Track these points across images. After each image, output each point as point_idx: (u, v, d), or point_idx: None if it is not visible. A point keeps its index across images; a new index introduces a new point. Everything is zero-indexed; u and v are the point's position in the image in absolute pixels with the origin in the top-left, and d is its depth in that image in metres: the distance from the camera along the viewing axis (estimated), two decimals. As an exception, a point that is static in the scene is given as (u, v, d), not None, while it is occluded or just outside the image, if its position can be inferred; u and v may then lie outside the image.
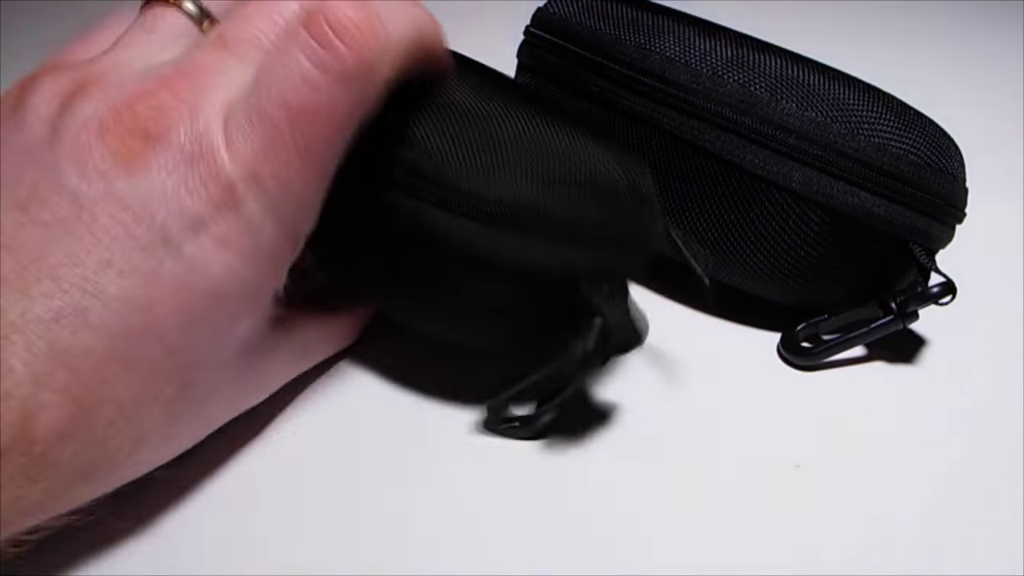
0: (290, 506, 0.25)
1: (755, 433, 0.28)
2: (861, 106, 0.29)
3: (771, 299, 0.32)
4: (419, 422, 0.28)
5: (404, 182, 0.24)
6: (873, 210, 0.29)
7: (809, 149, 0.29)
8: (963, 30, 0.62)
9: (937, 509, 0.26)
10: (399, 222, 0.25)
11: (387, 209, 0.25)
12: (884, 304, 0.30)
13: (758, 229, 0.30)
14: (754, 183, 0.30)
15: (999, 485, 0.27)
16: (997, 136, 0.47)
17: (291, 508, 0.25)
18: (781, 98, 0.29)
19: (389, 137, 0.25)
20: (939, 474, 0.27)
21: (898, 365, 0.31)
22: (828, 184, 0.29)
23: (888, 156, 0.28)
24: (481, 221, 0.24)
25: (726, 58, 0.30)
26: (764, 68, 0.30)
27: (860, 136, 0.29)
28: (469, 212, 0.24)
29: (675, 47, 0.31)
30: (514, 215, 0.24)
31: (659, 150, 0.31)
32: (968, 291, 0.30)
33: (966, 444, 0.28)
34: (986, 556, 0.25)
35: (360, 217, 0.26)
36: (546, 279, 0.25)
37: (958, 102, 0.50)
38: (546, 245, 0.24)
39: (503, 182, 0.24)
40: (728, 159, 0.30)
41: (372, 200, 0.25)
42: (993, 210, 0.39)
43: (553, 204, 0.24)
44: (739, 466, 0.27)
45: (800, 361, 0.31)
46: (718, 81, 0.30)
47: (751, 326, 0.33)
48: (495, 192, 0.24)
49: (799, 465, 0.27)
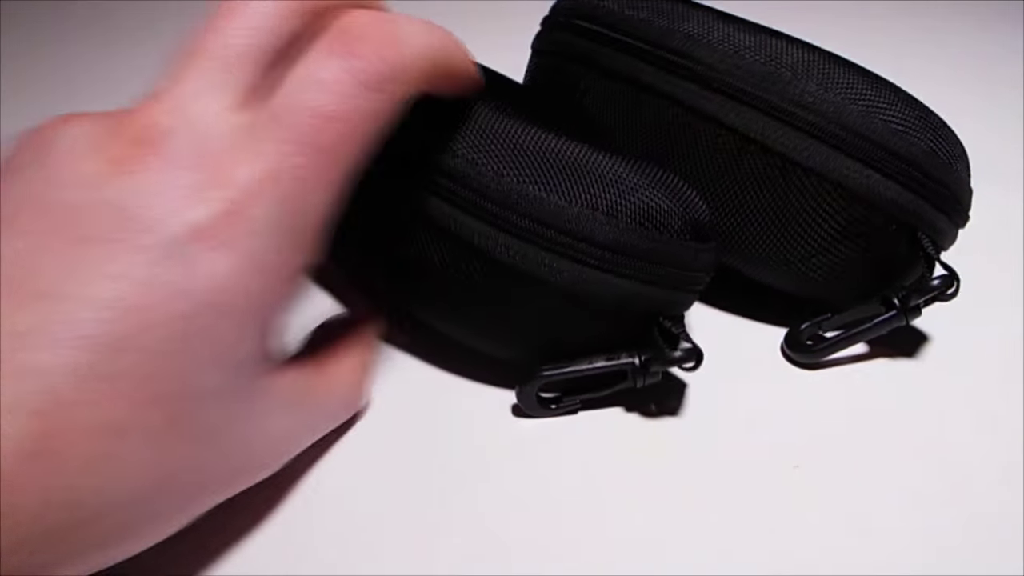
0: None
1: (756, 432, 0.29)
2: (876, 93, 0.29)
3: (778, 287, 0.32)
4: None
5: (450, 193, 0.26)
6: (886, 194, 0.29)
7: (829, 127, 0.29)
8: (963, 31, 0.62)
9: (938, 509, 0.26)
10: (458, 240, 0.26)
11: (450, 228, 0.26)
12: (886, 300, 0.30)
13: (773, 208, 0.30)
14: (771, 159, 0.30)
15: (1002, 484, 0.27)
16: (997, 137, 0.47)
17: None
18: (802, 79, 0.29)
19: (436, 155, 0.26)
20: (940, 473, 0.27)
21: (901, 364, 0.32)
22: (845, 163, 0.29)
23: (903, 141, 0.29)
24: (551, 250, 0.26)
25: (748, 42, 0.30)
26: (785, 52, 0.30)
27: (876, 120, 0.29)
28: (540, 241, 0.26)
29: (697, 28, 0.31)
30: (580, 247, 0.25)
31: (675, 124, 0.31)
32: (970, 292, 0.30)
33: (968, 443, 0.29)
34: (987, 556, 0.25)
35: (416, 232, 0.27)
36: (611, 309, 0.27)
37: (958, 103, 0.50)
38: (622, 282, 0.26)
39: (570, 212, 0.26)
40: (747, 134, 0.30)
41: (428, 218, 0.27)
42: (994, 211, 0.39)
43: (618, 237, 0.26)
44: (739, 466, 0.27)
45: (803, 359, 0.31)
46: (740, 58, 0.30)
47: (756, 320, 0.33)
48: (563, 222, 0.25)
49: (799, 465, 0.27)
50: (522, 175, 0.26)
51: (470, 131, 0.26)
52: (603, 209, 0.26)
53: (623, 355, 0.27)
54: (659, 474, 0.27)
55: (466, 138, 0.26)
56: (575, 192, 0.26)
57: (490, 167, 0.26)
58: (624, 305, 0.26)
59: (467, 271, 0.27)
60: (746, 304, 0.33)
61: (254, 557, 0.24)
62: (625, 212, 0.26)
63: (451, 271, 0.27)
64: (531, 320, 0.27)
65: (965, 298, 0.30)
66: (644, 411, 0.29)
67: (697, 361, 0.27)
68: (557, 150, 0.26)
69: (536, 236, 0.25)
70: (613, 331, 0.27)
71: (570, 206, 0.25)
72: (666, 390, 0.30)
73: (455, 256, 0.27)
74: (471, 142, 0.26)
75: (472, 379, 0.30)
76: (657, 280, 0.26)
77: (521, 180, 0.26)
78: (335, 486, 0.26)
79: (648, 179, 0.27)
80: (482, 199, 0.26)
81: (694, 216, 0.27)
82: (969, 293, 0.30)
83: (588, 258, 0.26)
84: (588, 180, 0.26)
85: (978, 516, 0.26)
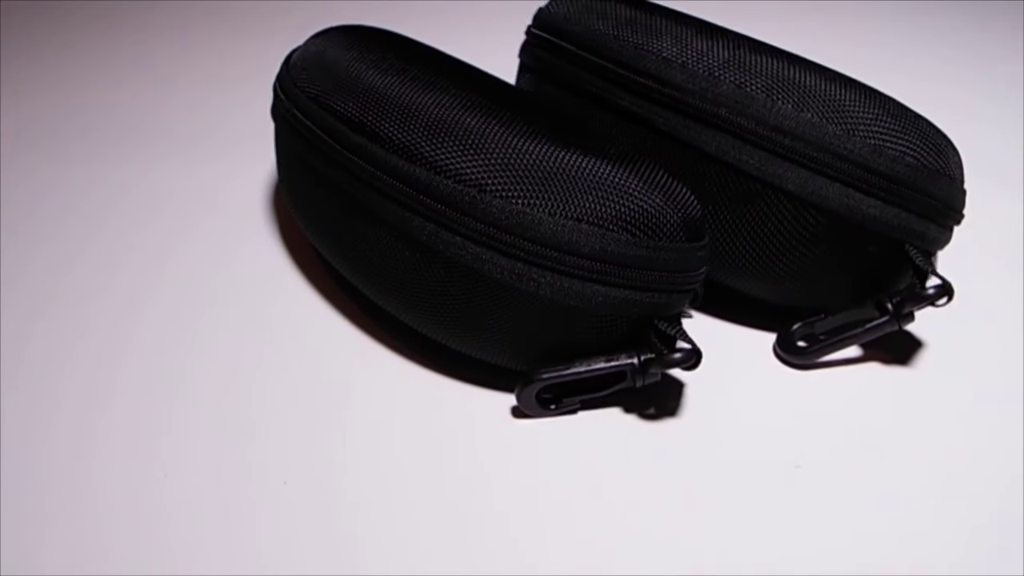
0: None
1: (753, 433, 0.28)
2: (857, 107, 0.29)
3: (767, 300, 0.32)
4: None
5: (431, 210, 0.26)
6: (869, 212, 0.29)
7: (805, 150, 0.29)
8: (962, 31, 0.62)
9: (936, 508, 0.26)
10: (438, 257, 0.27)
11: (436, 248, 0.27)
12: (880, 305, 0.30)
13: (754, 230, 0.30)
14: (750, 184, 0.29)
15: (999, 481, 0.27)
16: (996, 137, 0.47)
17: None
18: (777, 99, 0.29)
19: (421, 171, 0.27)
20: (938, 474, 0.27)
21: (895, 366, 0.31)
22: (824, 185, 0.29)
23: (884, 158, 0.28)
24: (528, 262, 0.26)
25: (723, 59, 0.30)
26: (761, 69, 0.30)
27: (856, 137, 0.29)
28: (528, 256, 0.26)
29: (672, 47, 0.31)
30: (566, 259, 0.26)
31: (654, 151, 0.31)
32: (966, 292, 0.30)
33: (963, 444, 0.28)
34: (985, 556, 0.25)
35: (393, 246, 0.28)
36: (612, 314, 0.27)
37: (957, 103, 0.50)
38: (617, 289, 0.26)
39: (554, 224, 0.26)
40: (724, 160, 0.30)
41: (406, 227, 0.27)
42: (991, 211, 0.39)
43: (605, 247, 0.26)
44: (739, 465, 0.27)
45: (796, 360, 0.31)
46: (714, 82, 0.30)
47: (747, 326, 0.33)
48: (547, 236, 0.26)
49: (799, 465, 0.27)
50: (506, 190, 0.26)
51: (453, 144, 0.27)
52: (588, 219, 0.26)
53: (622, 356, 0.27)
54: (659, 474, 0.27)
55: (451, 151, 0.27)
56: (558, 204, 0.26)
57: (473, 183, 0.26)
58: (616, 311, 0.26)
59: (458, 289, 0.27)
60: (740, 305, 0.33)
61: (254, 557, 0.24)
62: (612, 220, 0.26)
63: (441, 289, 0.27)
64: (524, 331, 0.27)
65: (961, 299, 0.29)
66: (643, 411, 0.29)
67: (696, 361, 0.27)
68: (541, 158, 0.26)
69: (520, 251, 0.26)
70: (608, 335, 0.27)
71: (553, 219, 0.25)
72: (665, 390, 0.30)
73: (445, 275, 0.27)
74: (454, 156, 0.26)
75: (472, 381, 0.30)
76: (649, 285, 0.26)
77: (505, 195, 0.26)
78: (336, 487, 0.26)
79: (639, 179, 0.26)
80: (466, 217, 0.26)
81: (687, 214, 0.27)
82: (965, 295, 0.30)
83: (574, 269, 0.26)
84: (573, 189, 0.26)
85: (978, 515, 0.26)
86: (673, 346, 0.27)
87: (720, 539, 0.25)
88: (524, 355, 0.28)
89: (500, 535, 0.25)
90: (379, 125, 0.28)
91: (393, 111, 0.28)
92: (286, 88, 0.33)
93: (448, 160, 0.26)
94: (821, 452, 0.28)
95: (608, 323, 0.27)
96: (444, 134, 0.27)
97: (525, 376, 0.28)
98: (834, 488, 0.27)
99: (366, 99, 0.29)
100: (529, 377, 0.27)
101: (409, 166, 0.27)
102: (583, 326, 0.27)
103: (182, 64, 0.53)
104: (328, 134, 0.29)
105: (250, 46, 0.55)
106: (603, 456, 0.27)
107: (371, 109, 0.29)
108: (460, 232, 0.26)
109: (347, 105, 0.29)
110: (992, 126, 0.48)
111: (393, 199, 0.27)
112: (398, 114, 0.28)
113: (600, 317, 0.27)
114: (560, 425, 0.28)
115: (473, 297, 0.27)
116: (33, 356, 0.31)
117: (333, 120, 0.29)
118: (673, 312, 0.28)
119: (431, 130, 0.27)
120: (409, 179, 0.27)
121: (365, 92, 0.29)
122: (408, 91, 0.29)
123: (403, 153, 0.27)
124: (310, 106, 0.31)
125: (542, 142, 0.26)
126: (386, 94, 0.29)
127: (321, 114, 0.30)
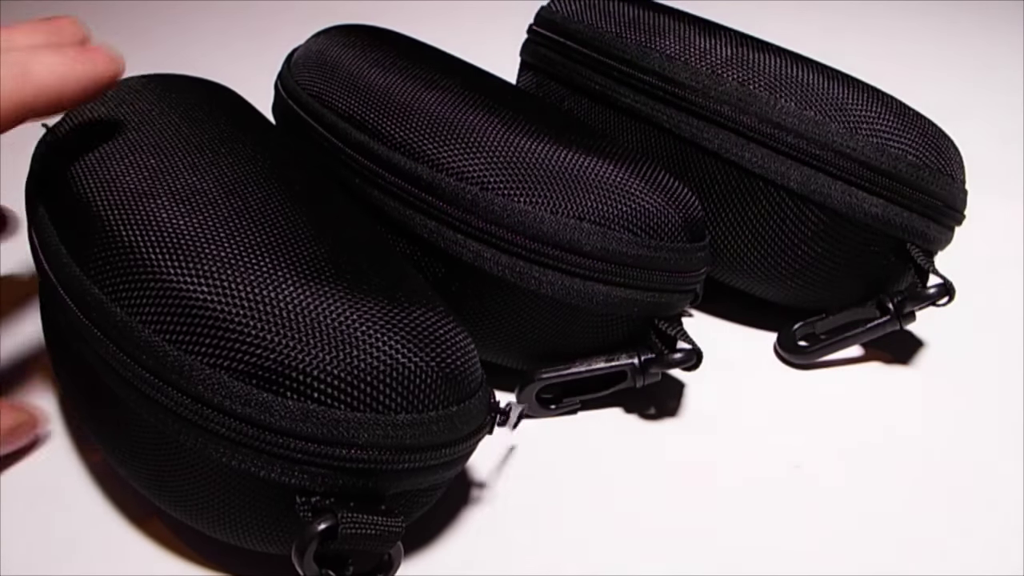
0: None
1: (753, 433, 0.28)
2: (860, 105, 0.29)
3: (769, 299, 0.32)
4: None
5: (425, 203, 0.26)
6: (870, 210, 0.29)
7: (807, 148, 0.29)
8: (963, 31, 0.62)
9: (936, 508, 0.26)
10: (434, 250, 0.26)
11: (438, 244, 0.26)
12: (881, 304, 0.30)
13: (756, 228, 0.30)
14: (752, 181, 0.30)
15: (998, 478, 0.27)
16: (997, 137, 0.47)
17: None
18: (780, 97, 0.29)
19: (421, 169, 0.27)
20: (938, 474, 0.27)
21: (896, 366, 0.31)
22: (826, 183, 0.29)
23: (887, 156, 0.28)
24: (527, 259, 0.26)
25: (725, 57, 0.30)
26: (763, 67, 0.30)
27: (859, 135, 0.29)
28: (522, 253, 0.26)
29: (675, 45, 0.31)
30: (567, 258, 0.25)
31: (657, 148, 0.31)
32: (967, 292, 0.30)
33: (964, 444, 0.28)
34: (985, 556, 0.25)
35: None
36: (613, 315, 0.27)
37: (958, 103, 0.50)
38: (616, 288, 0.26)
39: (556, 223, 0.25)
40: (726, 157, 0.30)
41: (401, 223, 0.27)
42: (993, 212, 0.39)
43: (606, 246, 0.25)
44: (739, 465, 0.27)
45: (797, 359, 0.31)
46: (717, 79, 0.30)
47: (748, 326, 0.33)
48: (549, 234, 0.25)
49: (799, 465, 0.27)
50: (508, 188, 0.26)
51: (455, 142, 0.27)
52: (590, 218, 0.26)
53: (623, 356, 0.27)
54: (659, 474, 0.27)
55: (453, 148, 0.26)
56: (560, 202, 0.26)
57: (475, 181, 0.26)
58: (616, 311, 0.26)
59: (459, 287, 0.27)
60: (741, 304, 0.33)
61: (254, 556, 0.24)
62: (614, 219, 0.26)
63: (441, 287, 0.27)
64: (524, 330, 0.27)
65: (962, 299, 0.30)
66: (643, 411, 0.29)
67: (697, 361, 0.27)
68: (544, 156, 0.26)
69: (522, 249, 0.26)
70: (609, 335, 0.27)
71: (555, 217, 0.25)
72: (665, 390, 0.30)
73: (446, 272, 0.27)
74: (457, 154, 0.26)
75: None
76: (650, 285, 0.26)
77: (507, 193, 0.26)
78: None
79: (640, 178, 0.26)
80: (468, 215, 0.26)
81: (688, 215, 0.27)
82: (966, 294, 0.30)
83: (576, 268, 0.26)
84: (575, 188, 0.26)
85: (978, 515, 0.26)
86: (674, 346, 0.27)
87: (720, 539, 0.25)
88: (524, 355, 0.28)
89: (500, 535, 0.25)
90: (381, 123, 0.28)
91: (395, 109, 0.28)
92: (288, 86, 0.33)
93: (450, 158, 0.26)
94: (821, 452, 0.28)
95: (609, 323, 0.27)
96: (446, 132, 0.27)
97: (525, 376, 0.28)
98: (834, 488, 0.27)
99: (368, 97, 0.29)
100: (529, 377, 0.27)
101: (411, 164, 0.27)
102: (584, 325, 0.27)
103: (183, 64, 0.53)
104: (330, 132, 0.29)
105: (252, 45, 0.55)
106: (603, 456, 0.27)
107: (373, 107, 0.29)
108: (461, 230, 0.26)
109: (349, 103, 0.29)
110: (992, 127, 0.48)
111: (395, 196, 0.27)
112: (400, 112, 0.28)
113: (601, 316, 0.27)
114: (560, 425, 0.28)
115: (475, 295, 0.27)
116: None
117: (335, 118, 0.29)
118: (673, 312, 0.28)
119: (433, 128, 0.27)
120: (411, 177, 0.27)
121: (367, 90, 0.29)
122: (410, 89, 0.29)
123: (405, 151, 0.27)
124: (312, 104, 0.31)
125: (544, 141, 0.26)
126: (388, 92, 0.29)
127: (323, 112, 0.30)
